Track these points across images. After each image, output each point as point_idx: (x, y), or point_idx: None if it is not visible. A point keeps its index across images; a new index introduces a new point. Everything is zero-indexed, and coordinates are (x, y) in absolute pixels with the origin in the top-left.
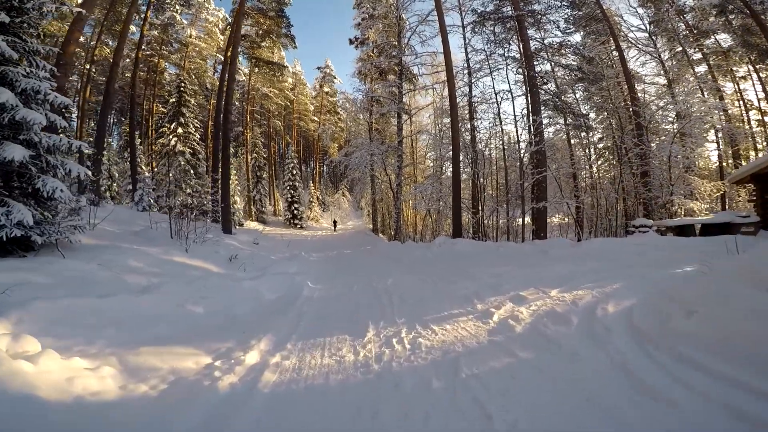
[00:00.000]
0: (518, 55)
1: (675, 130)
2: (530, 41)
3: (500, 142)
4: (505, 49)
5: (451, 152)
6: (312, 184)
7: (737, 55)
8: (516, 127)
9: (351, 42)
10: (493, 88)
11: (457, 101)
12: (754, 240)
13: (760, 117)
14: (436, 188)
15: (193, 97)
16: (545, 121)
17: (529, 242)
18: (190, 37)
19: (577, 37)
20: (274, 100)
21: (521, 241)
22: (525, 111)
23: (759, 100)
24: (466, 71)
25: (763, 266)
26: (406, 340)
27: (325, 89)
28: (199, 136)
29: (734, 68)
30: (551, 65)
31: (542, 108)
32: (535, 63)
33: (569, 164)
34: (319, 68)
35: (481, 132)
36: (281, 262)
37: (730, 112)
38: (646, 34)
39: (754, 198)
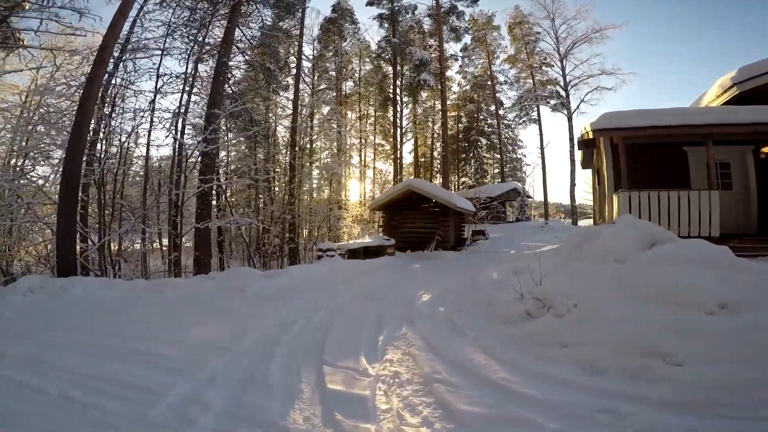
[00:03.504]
0: (212, 40)
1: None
2: (236, 27)
3: (146, 139)
4: (201, 31)
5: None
6: None
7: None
8: (177, 123)
9: None
10: (158, 71)
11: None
12: (402, 258)
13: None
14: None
15: None
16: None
17: (205, 276)
18: None
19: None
20: None
21: (174, 273)
22: (185, 105)
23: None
24: (118, 46)
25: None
26: None
27: None
28: None
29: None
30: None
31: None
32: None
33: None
34: None
35: (120, 121)
36: None
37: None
38: (310, 65)
39: (384, 223)
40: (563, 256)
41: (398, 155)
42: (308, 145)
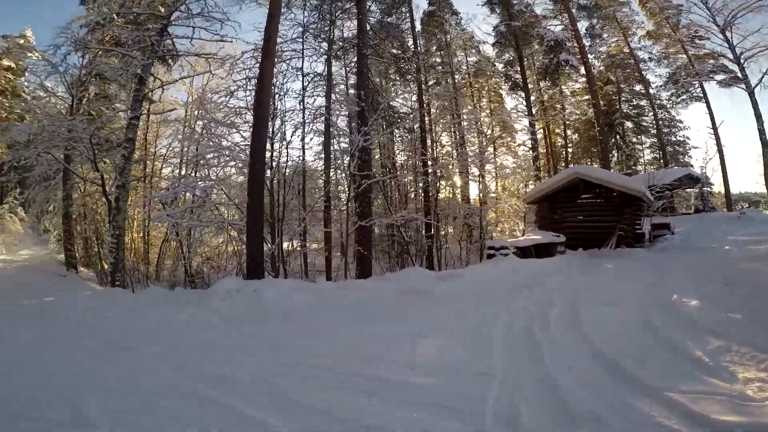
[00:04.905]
0: (348, 33)
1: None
2: (366, 20)
3: (300, 139)
4: (330, 29)
5: (236, 151)
6: None
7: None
8: (329, 117)
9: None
10: (302, 70)
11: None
12: (577, 257)
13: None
14: (187, 196)
15: None
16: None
17: (380, 278)
18: None
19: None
20: None
21: (339, 275)
22: (330, 98)
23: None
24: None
25: None
26: None
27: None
28: None
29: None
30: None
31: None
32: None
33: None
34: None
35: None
36: None
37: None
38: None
39: (542, 217)
40: None
41: (535, 144)
42: (434, 140)
